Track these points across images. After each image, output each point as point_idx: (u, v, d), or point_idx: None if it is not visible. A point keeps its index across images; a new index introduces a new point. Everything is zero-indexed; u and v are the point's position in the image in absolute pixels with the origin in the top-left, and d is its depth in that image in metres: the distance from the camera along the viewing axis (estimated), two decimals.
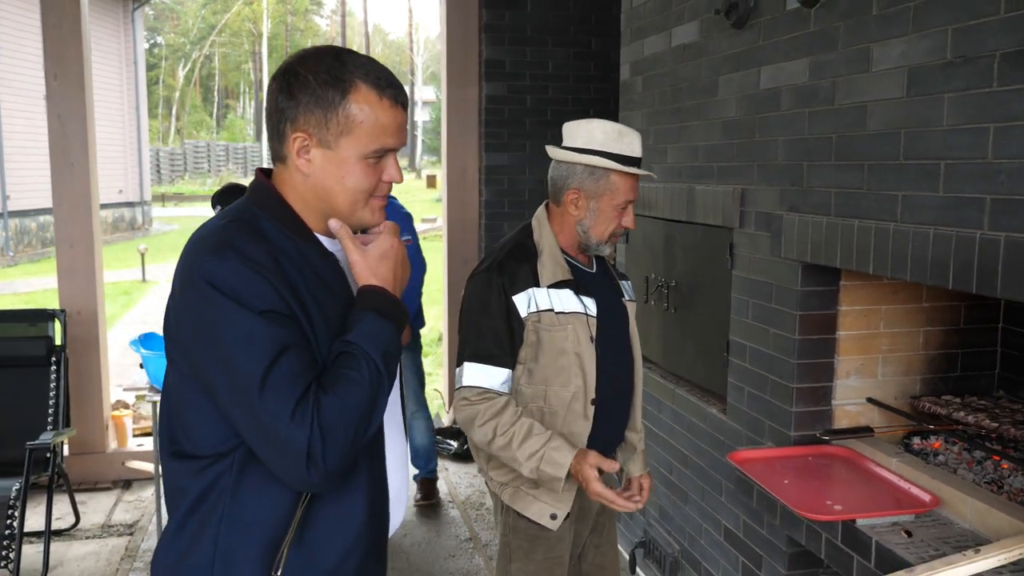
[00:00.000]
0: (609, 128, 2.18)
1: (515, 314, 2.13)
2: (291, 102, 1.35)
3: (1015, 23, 1.72)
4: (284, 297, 1.29)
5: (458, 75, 5.34)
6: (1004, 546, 1.82)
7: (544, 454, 2.05)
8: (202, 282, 1.27)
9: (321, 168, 1.37)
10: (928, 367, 2.59)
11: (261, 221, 1.37)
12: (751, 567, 2.78)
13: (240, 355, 1.25)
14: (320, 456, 1.25)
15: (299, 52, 1.41)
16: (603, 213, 2.19)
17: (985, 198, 1.80)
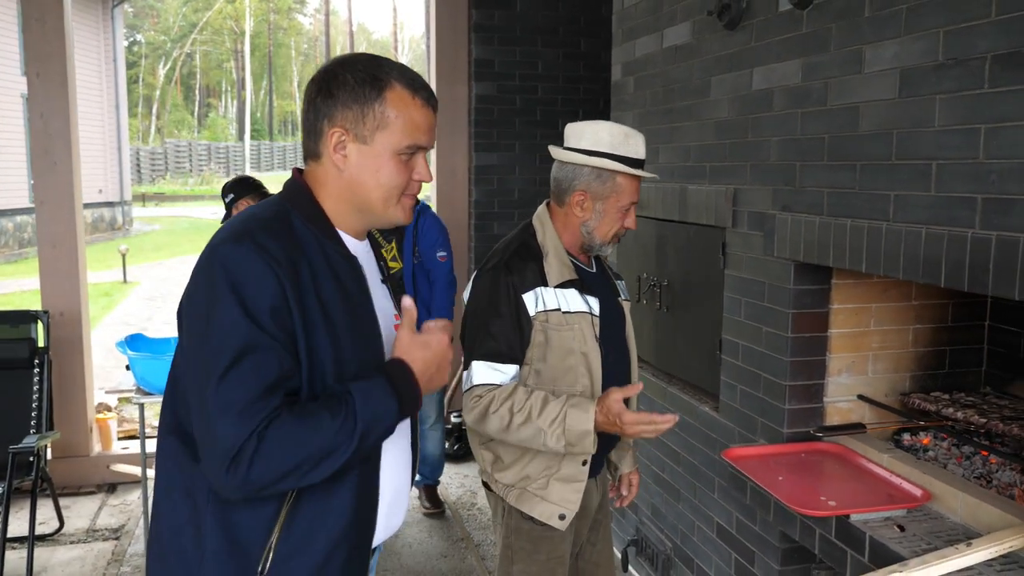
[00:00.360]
0: (616, 130, 2.19)
1: (524, 313, 2.13)
2: (329, 100, 1.42)
3: (1006, 25, 1.75)
4: (288, 296, 1.32)
5: (447, 74, 5.35)
6: (994, 539, 1.86)
7: (566, 413, 2.01)
8: (214, 263, 1.32)
9: (356, 163, 1.43)
10: (917, 364, 2.63)
11: (291, 216, 1.42)
12: (744, 563, 2.81)
13: (216, 339, 1.29)
14: (246, 464, 1.26)
15: (336, 59, 1.48)
16: (608, 215, 2.20)
17: (976, 198, 1.83)
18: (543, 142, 5.35)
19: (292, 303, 1.33)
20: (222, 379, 1.27)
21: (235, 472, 1.26)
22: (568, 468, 2.18)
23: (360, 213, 1.49)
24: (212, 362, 1.28)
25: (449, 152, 5.41)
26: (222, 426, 1.27)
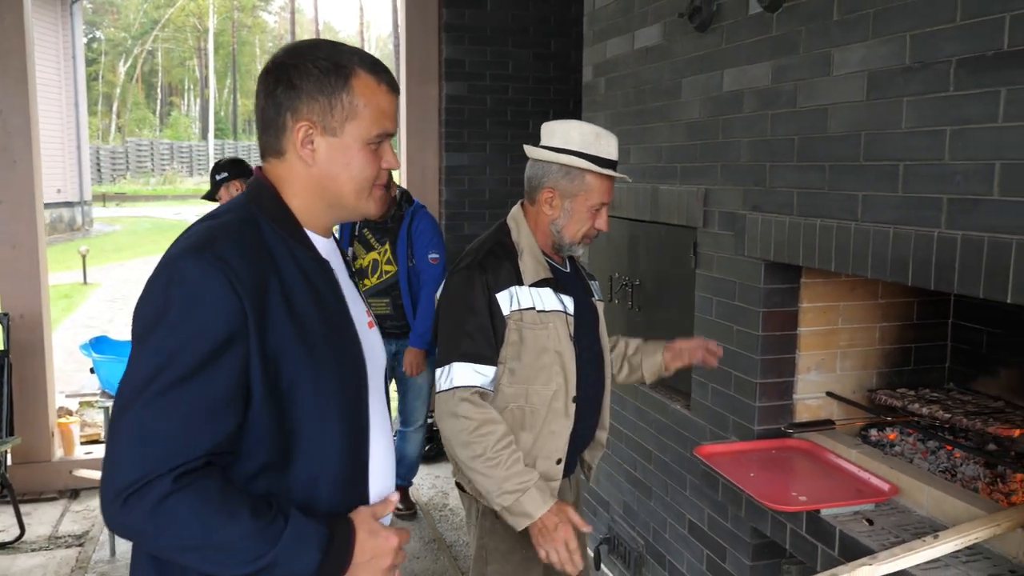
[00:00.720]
0: (587, 129, 2.21)
1: (498, 312, 2.14)
2: (292, 92, 1.34)
3: (970, 30, 1.80)
4: (248, 320, 1.23)
5: (418, 74, 5.34)
6: (960, 531, 1.90)
7: (528, 489, 2.03)
8: (170, 276, 1.24)
9: (326, 156, 1.37)
10: (884, 361, 2.68)
11: (259, 220, 1.35)
12: (715, 560, 2.84)
13: (156, 360, 1.20)
14: (151, 505, 1.15)
15: (286, 48, 1.40)
16: (577, 213, 2.21)
17: (942, 198, 1.88)
18: (514, 142, 5.38)
19: (252, 328, 1.23)
20: (150, 404, 1.17)
21: (134, 508, 1.16)
22: (542, 467, 2.19)
23: (331, 209, 1.42)
24: (145, 383, 1.18)
25: (420, 152, 5.40)
26: (133, 454, 1.17)
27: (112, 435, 1.20)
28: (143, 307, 1.26)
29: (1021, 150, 1.68)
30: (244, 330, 1.23)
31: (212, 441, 1.21)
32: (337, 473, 1.36)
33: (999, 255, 1.70)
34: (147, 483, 1.16)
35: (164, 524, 1.17)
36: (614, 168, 2.22)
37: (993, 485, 2.12)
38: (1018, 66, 1.68)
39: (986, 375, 2.61)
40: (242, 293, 1.23)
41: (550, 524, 2.03)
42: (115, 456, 1.19)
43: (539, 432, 2.17)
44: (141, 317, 1.25)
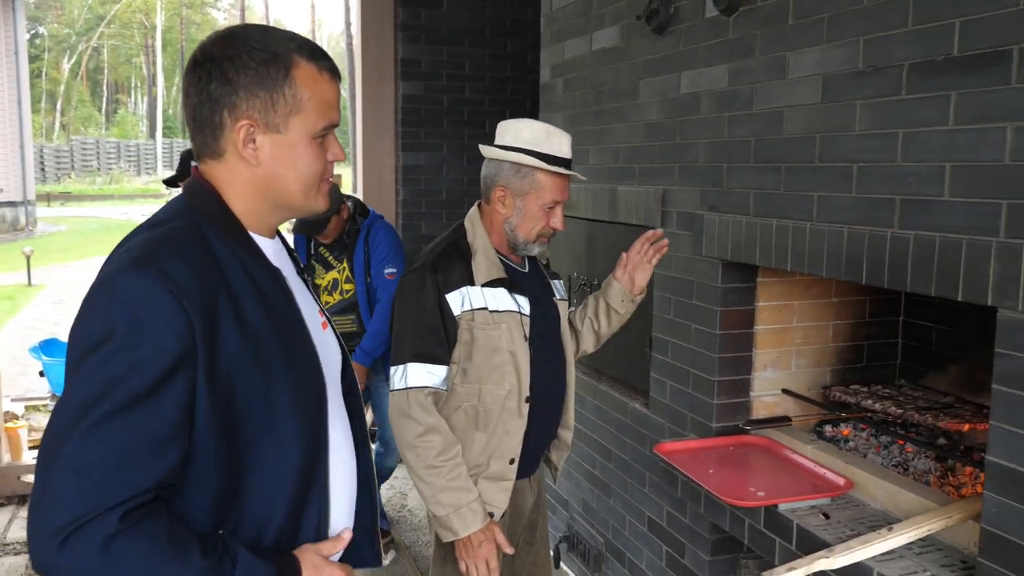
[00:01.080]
0: (538, 128, 2.21)
1: (448, 312, 2.15)
2: (227, 88, 1.23)
3: (921, 35, 1.84)
4: (196, 339, 1.14)
5: (374, 73, 5.31)
6: (914, 523, 1.96)
7: (465, 507, 2.09)
8: (110, 294, 1.14)
9: (271, 155, 1.27)
10: (837, 358, 2.74)
11: (203, 227, 1.25)
12: (674, 555, 2.87)
13: (94, 386, 1.10)
14: (95, 546, 1.07)
15: (212, 36, 1.29)
16: (529, 212, 2.21)
17: (895, 199, 1.93)
18: (471, 142, 5.37)
19: (200, 349, 1.14)
20: (90, 434, 1.08)
21: (74, 548, 1.06)
22: (496, 467, 2.20)
23: (278, 209, 1.33)
24: (84, 410, 1.09)
25: (376, 151, 5.37)
26: (72, 488, 1.07)
27: (45, 466, 1.10)
28: (81, 328, 1.15)
29: (971, 152, 1.73)
30: (193, 352, 1.14)
31: (159, 473, 1.13)
32: (291, 497, 1.30)
33: (950, 254, 1.75)
34: (89, 521, 1.07)
35: (109, 567, 1.08)
36: (567, 166, 2.21)
37: (944, 478, 2.18)
38: (968, 71, 1.73)
39: (936, 371, 2.68)
40: (190, 310, 1.14)
41: (475, 542, 2.11)
42: (50, 490, 1.08)
43: (493, 432, 2.19)
44: (79, 339, 1.14)
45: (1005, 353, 1.65)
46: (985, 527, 1.71)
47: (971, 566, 1.84)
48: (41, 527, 1.08)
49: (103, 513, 1.08)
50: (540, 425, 2.28)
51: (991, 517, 1.69)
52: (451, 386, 2.19)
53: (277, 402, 1.25)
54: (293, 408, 1.28)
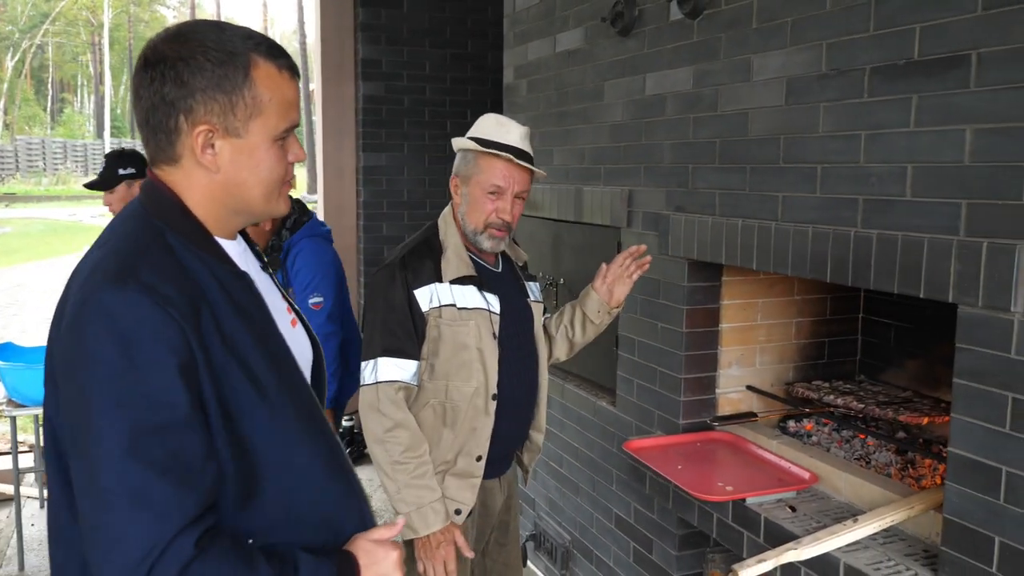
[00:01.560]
0: (491, 118, 2.27)
1: (416, 308, 2.17)
2: (183, 91, 1.17)
3: (883, 40, 1.90)
4: (192, 348, 1.11)
5: (334, 74, 5.28)
6: (878, 514, 2.01)
7: (426, 505, 2.11)
8: (96, 317, 1.09)
9: (231, 161, 1.21)
10: (799, 355, 2.80)
11: (167, 237, 1.20)
12: (642, 551, 2.91)
13: (110, 414, 1.07)
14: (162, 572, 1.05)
15: (163, 35, 1.22)
16: (474, 198, 2.22)
17: (858, 199, 1.98)
18: (432, 143, 5.37)
19: (198, 356, 1.12)
20: (131, 462, 1.06)
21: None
22: (463, 464, 2.21)
23: (238, 215, 1.28)
24: (115, 443, 1.06)
25: (337, 152, 5.34)
26: (136, 521, 1.05)
27: (94, 508, 1.07)
28: (72, 360, 1.11)
29: (931, 154, 1.79)
30: (193, 361, 1.11)
31: (207, 485, 1.12)
32: (318, 492, 1.28)
33: (912, 253, 1.81)
34: (164, 551, 1.06)
35: None
36: (515, 155, 2.18)
37: (904, 471, 2.24)
38: (928, 74, 1.79)
39: (894, 367, 2.75)
40: (180, 320, 1.11)
41: (434, 542, 2.13)
42: (112, 528, 1.06)
43: (460, 429, 2.20)
44: (74, 371, 1.10)
45: (965, 348, 1.71)
46: (947, 516, 1.76)
47: (933, 555, 1.90)
48: (117, 569, 1.06)
49: (175, 539, 1.07)
50: (509, 424, 2.30)
51: (952, 506, 1.75)
52: (420, 382, 2.20)
53: (274, 405, 1.22)
54: (289, 408, 1.26)
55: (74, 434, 1.11)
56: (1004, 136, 1.64)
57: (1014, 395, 1.62)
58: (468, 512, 2.24)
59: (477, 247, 2.28)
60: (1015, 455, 1.62)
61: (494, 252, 2.31)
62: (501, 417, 2.25)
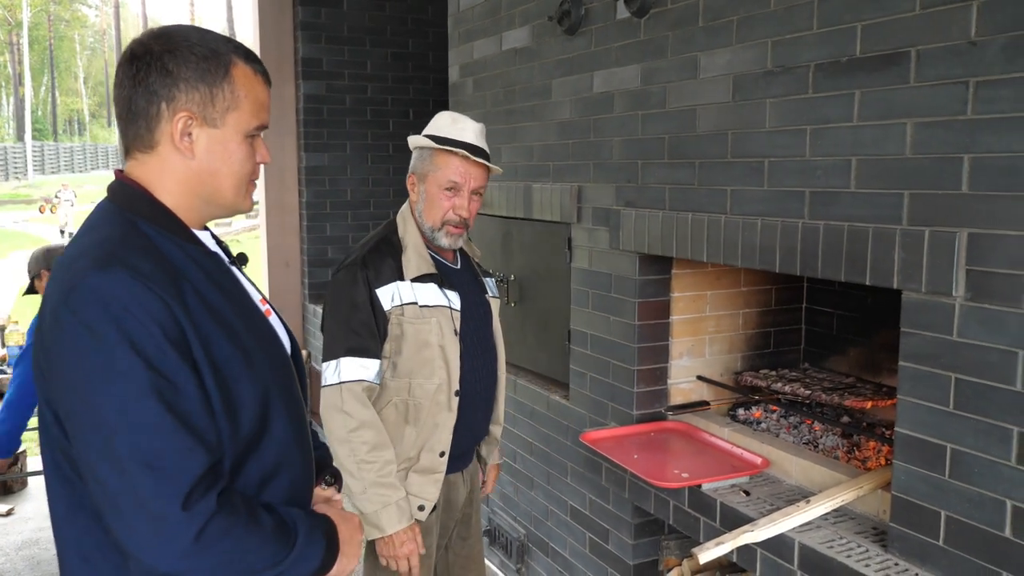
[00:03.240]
0: (446, 115, 2.29)
1: (379, 308, 2.17)
2: (168, 80, 1.25)
3: (827, 37, 1.97)
4: (181, 321, 1.18)
5: (273, 73, 5.15)
6: (828, 495, 2.09)
7: (390, 503, 2.12)
8: (84, 299, 1.14)
9: (206, 149, 1.29)
10: (747, 345, 2.88)
11: (139, 225, 1.26)
12: (598, 541, 2.95)
13: (113, 399, 1.13)
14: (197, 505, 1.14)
15: (149, 33, 1.30)
16: (431, 195, 2.24)
17: (804, 191, 2.05)
18: (374, 142, 5.35)
19: (186, 327, 1.18)
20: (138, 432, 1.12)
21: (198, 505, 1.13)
22: (426, 460, 2.22)
23: (208, 206, 1.34)
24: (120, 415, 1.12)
25: (278, 153, 5.27)
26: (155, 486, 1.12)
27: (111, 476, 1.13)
28: (69, 343, 1.16)
29: (874, 147, 1.86)
30: (181, 330, 1.18)
31: (213, 440, 1.19)
32: (289, 464, 1.35)
33: (857, 242, 1.88)
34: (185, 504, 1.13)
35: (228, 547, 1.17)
36: (470, 151, 2.21)
37: (851, 453, 2.33)
38: (870, 71, 1.87)
39: (837, 354, 2.85)
40: (164, 296, 1.17)
41: (398, 541, 2.14)
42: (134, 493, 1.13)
43: (423, 425, 2.21)
44: (73, 353, 1.15)
45: (910, 332, 1.79)
46: (895, 493, 1.84)
47: (883, 531, 1.98)
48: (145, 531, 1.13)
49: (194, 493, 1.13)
50: (470, 419, 2.31)
51: (900, 484, 1.83)
52: (383, 380, 2.20)
53: (260, 374, 1.29)
54: (272, 379, 1.32)
55: (80, 409, 1.16)
56: (942, 129, 1.72)
57: (957, 375, 1.70)
58: (432, 508, 2.25)
59: (435, 244, 2.29)
60: (958, 433, 1.71)
61: (452, 249, 2.32)
62: (463, 412, 2.26)
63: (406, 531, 2.14)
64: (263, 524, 1.22)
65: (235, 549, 1.17)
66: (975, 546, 1.69)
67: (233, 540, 1.17)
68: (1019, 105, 1.59)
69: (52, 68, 44.79)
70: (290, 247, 5.36)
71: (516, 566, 3.49)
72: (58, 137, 44.74)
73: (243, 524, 1.18)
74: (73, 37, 47.36)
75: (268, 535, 1.22)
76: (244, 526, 1.18)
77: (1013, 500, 1.62)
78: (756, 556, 2.08)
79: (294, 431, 1.36)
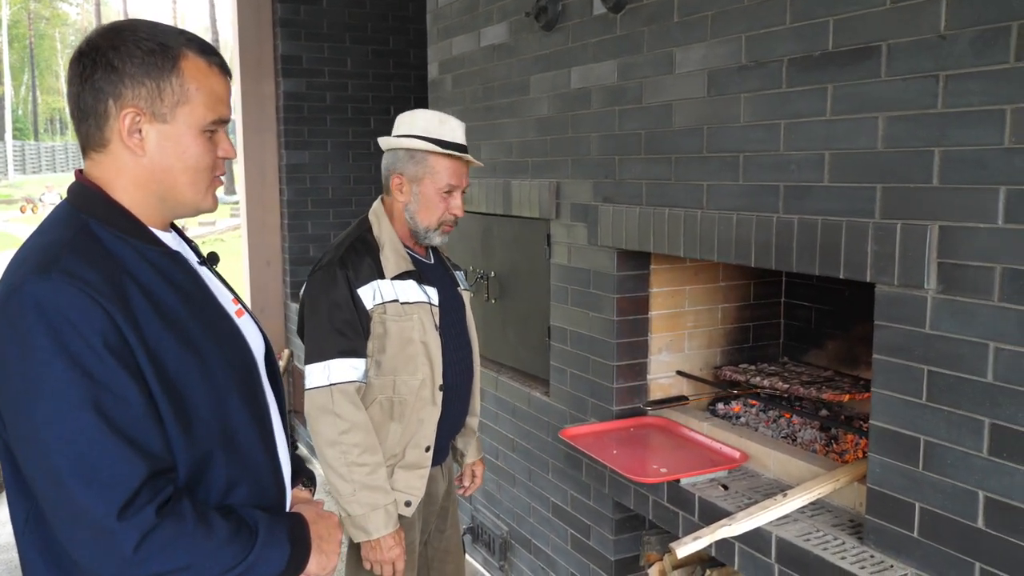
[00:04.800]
0: (430, 115, 2.27)
1: (361, 307, 2.16)
2: (113, 76, 1.23)
3: (800, 32, 1.98)
4: (121, 328, 1.15)
5: (253, 70, 5.18)
6: (805, 488, 2.10)
7: (378, 508, 2.11)
8: (21, 307, 1.12)
9: (157, 146, 1.26)
10: (726, 340, 2.89)
11: (91, 227, 1.23)
12: (580, 537, 2.96)
13: (47, 404, 1.11)
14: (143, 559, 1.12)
15: (99, 29, 1.28)
16: (426, 197, 2.24)
17: (779, 185, 2.06)
18: (355, 140, 5.33)
19: (129, 335, 1.15)
20: (71, 441, 1.10)
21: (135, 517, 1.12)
22: (412, 455, 2.22)
23: (165, 203, 1.31)
24: (52, 423, 1.10)
25: (258, 150, 5.24)
26: (91, 497, 1.10)
27: (49, 487, 1.12)
28: (5, 353, 1.14)
29: (847, 141, 1.87)
30: (121, 337, 1.15)
31: (156, 448, 1.17)
32: (254, 467, 1.34)
33: (831, 236, 1.89)
34: (122, 516, 1.11)
35: (159, 558, 1.14)
36: (462, 151, 2.25)
37: (829, 446, 2.34)
38: (842, 65, 1.87)
39: (815, 348, 2.87)
40: (105, 304, 1.14)
41: (385, 546, 2.14)
42: (71, 504, 1.11)
43: (408, 421, 2.21)
44: (9, 362, 1.13)
45: (883, 325, 1.80)
46: (870, 486, 1.85)
47: (859, 524, 1.99)
48: (83, 542, 1.12)
49: (132, 504, 1.11)
50: (451, 412, 2.32)
51: (875, 476, 1.84)
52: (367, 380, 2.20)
53: (218, 378, 1.27)
54: (232, 383, 1.30)
55: (18, 421, 1.14)
56: (913, 123, 1.73)
57: (930, 368, 1.71)
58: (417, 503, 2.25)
59: (428, 243, 2.30)
60: (932, 425, 1.72)
61: (439, 246, 2.34)
62: (446, 406, 2.26)
63: (393, 535, 2.14)
64: (215, 530, 1.19)
65: (181, 559, 1.15)
66: (949, 537, 1.70)
67: (179, 550, 1.15)
68: (988, 98, 1.60)
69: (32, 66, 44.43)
70: (271, 245, 5.33)
71: (499, 563, 3.49)
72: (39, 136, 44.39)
73: (190, 533, 1.16)
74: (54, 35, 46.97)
75: (221, 541, 1.19)
76: (191, 535, 1.16)
77: (985, 491, 1.64)
78: (734, 550, 2.08)
79: (259, 437, 1.34)
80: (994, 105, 1.58)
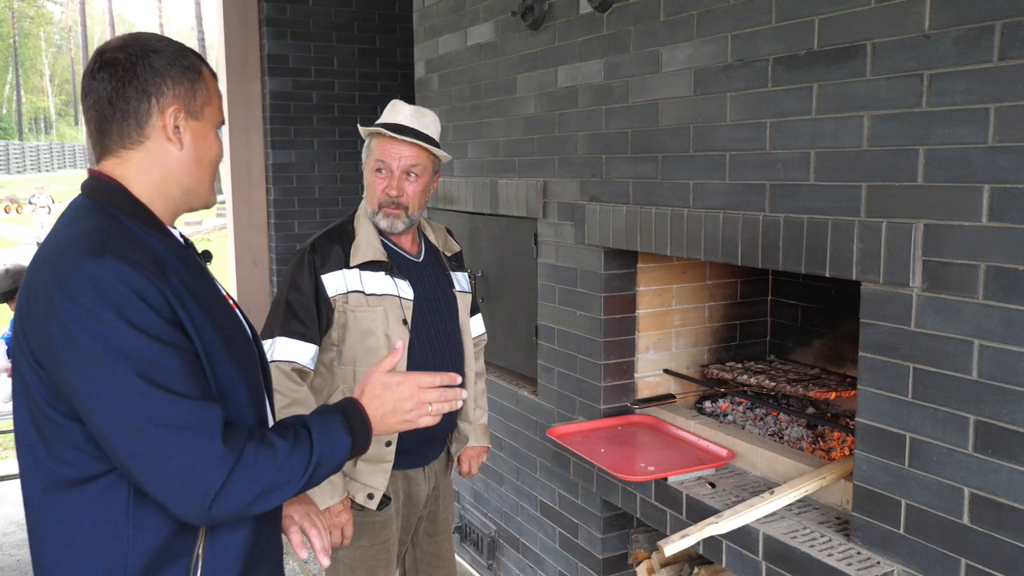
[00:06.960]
0: (391, 103, 2.32)
1: (323, 294, 2.19)
2: (157, 77, 1.34)
3: (785, 31, 1.98)
4: (171, 303, 1.25)
5: (239, 70, 5.15)
6: (792, 486, 2.10)
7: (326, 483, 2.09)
8: (80, 287, 1.19)
9: (192, 141, 1.38)
10: (713, 338, 2.90)
11: (119, 218, 1.31)
12: (568, 536, 2.96)
13: (120, 375, 1.18)
14: (226, 498, 1.22)
15: (117, 42, 1.37)
16: (367, 180, 2.30)
17: (765, 184, 2.06)
18: (342, 139, 5.31)
19: (177, 308, 1.26)
20: (149, 403, 1.19)
21: (215, 507, 1.21)
22: (372, 449, 2.19)
23: (186, 196, 1.41)
24: (128, 392, 1.18)
25: (244, 150, 5.21)
26: (182, 448, 1.19)
27: (135, 449, 1.20)
28: (72, 331, 1.19)
29: (833, 140, 1.88)
30: (172, 310, 1.25)
31: (219, 398, 1.28)
32: None
33: (817, 234, 1.89)
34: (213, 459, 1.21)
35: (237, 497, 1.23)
36: (397, 131, 2.21)
37: (815, 444, 2.35)
38: (828, 64, 1.88)
39: (802, 346, 2.88)
40: (155, 280, 1.24)
41: (334, 512, 2.14)
42: (163, 460, 1.20)
43: None
44: (77, 339, 1.19)
45: (869, 323, 1.80)
46: (857, 483, 1.86)
47: (846, 521, 2.00)
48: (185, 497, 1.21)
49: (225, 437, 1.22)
50: None
51: (861, 473, 1.85)
52: (329, 369, 2.23)
53: (233, 358, 1.35)
54: (241, 374, 1.37)
55: (91, 389, 1.20)
56: (898, 122, 1.74)
57: (915, 365, 1.72)
58: (384, 499, 2.24)
59: (377, 228, 2.28)
60: (917, 422, 1.73)
61: (392, 232, 2.28)
62: None
63: (338, 504, 2.15)
64: (277, 448, 1.27)
65: (256, 486, 1.24)
66: (935, 533, 1.71)
67: (255, 479, 1.24)
68: (971, 97, 1.60)
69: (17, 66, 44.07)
70: (258, 245, 5.31)
71: (487, 562, 3.49)
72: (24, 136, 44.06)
73: (263, 460, 1.25)
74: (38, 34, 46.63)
75: (284, 456, 1.27)
76: (262, 463, 1.25)
77: (970, 487, 1.65)
78: (722, 547, 2.09)
79: (257, 418, 1.41)
80: (978, 104, 1.59)
